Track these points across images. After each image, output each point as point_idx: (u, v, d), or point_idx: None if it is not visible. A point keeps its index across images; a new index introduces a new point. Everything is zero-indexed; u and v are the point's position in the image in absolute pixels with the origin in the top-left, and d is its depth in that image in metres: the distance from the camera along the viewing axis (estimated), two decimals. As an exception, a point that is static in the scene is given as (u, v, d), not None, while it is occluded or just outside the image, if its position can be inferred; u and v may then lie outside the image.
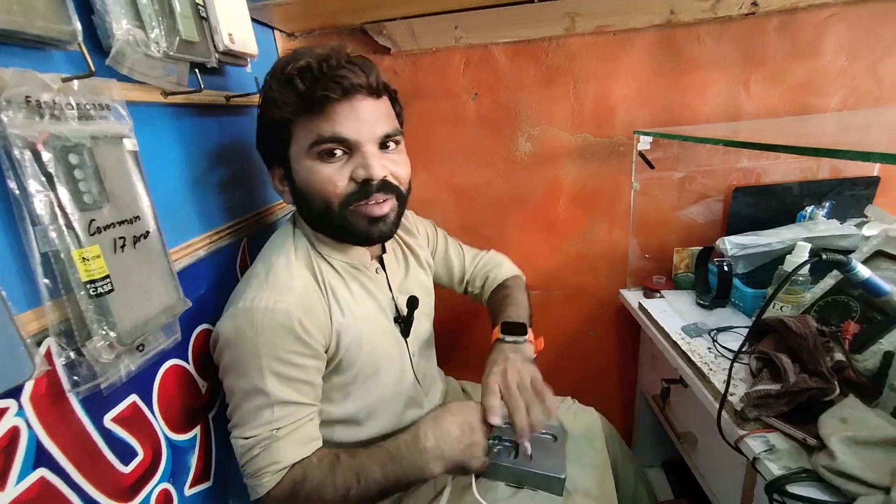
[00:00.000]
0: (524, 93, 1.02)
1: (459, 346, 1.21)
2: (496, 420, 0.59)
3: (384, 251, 0.74)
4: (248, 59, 0.72)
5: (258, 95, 0.65)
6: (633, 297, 1.06)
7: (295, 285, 0.60)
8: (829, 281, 0.71)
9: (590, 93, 1.01)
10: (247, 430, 0.58)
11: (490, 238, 1.13)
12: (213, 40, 0.62)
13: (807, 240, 0.74)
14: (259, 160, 0.71)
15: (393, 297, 0.72)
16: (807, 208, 0.93)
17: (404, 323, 0.72)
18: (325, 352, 0.62)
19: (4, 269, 0.37)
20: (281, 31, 0.97)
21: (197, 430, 0.62)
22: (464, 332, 1.21)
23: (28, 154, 0.36)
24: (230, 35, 0.65)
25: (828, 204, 0.93)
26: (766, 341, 0.64)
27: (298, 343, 0.58)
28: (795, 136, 0.80)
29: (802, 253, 0.69)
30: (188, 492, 0.59)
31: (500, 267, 0.90)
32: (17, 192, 0.36)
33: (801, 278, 0.72)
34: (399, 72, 1.02)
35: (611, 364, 1.23)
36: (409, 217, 0.85)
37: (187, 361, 0.61)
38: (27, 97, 0.36)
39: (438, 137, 1.06)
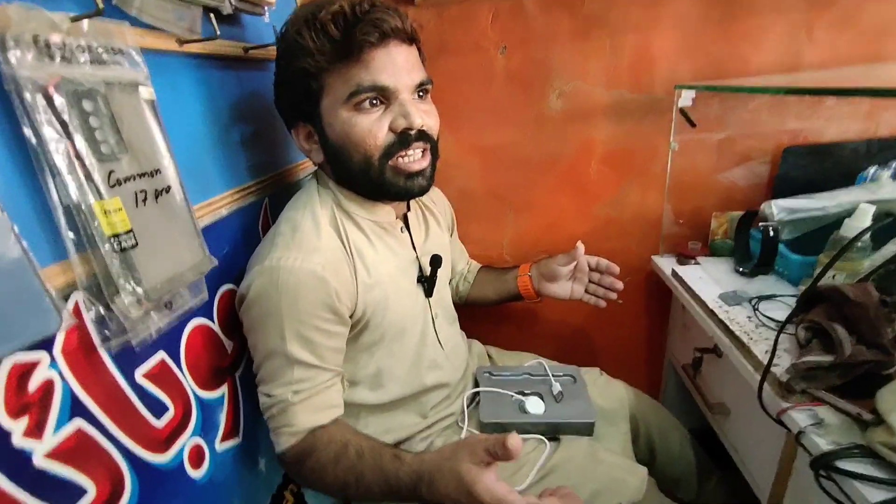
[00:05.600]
0: (556, 46, 0.95)
1: (486, 313, 1.20)
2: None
3: (408, 209, 0.72)
4: (266, 7, 0.68)
5: (276, 47, 0.62)
6: (665, 263, 1.01)
7: (321, 245, 0.58)
8: (892, 247, 0.65)
9: (628, 45, 0.93)
10: (269, 388, 0.59)
11: (516, 202, 1.08)
12: (227, -16, 0.58)
13: (870, 203, 0.68)
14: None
15: (417, 257, 0.70)
16: (869, 169, 0.84)
17: (427, 283, 0.71)
18: (351, 316, 0.61)
19: (27, 221, 0.36)
20: (298, -21, 0.91)
21: (224, 388, 0.63)
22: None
23: (40, 98, 0.34)
24: (245, -21, 0.61)
25: (895, 164, 0.85)
26: (816, 311, 0.60)
27: (323, 306, 0.57)
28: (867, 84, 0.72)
29: (865, 216, 0.63)
30: (219, 447, 0.61)
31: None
32: (33, 140, 0.35)
33: (860, 244, 0.66)
34: (424, 24, 0.96)
35: (639, 332, 1.19)
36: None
37: (212, 321, 0.61)
38: (35, 37, 0.34)
39: (464, 95, 1.00)
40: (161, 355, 0.52)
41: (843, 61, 0.88)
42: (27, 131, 0.35)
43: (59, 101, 0.35)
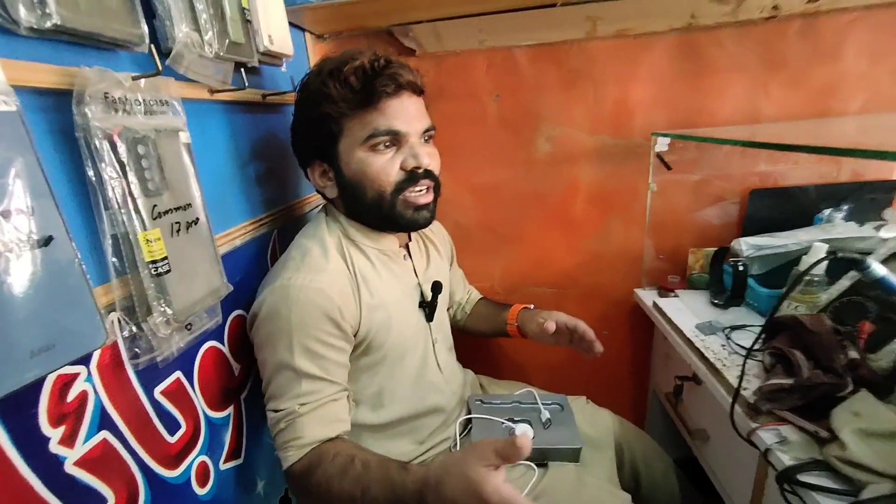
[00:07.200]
0: (545, 95, 1.04)
1: (479, 342, 1.24)
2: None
3: (409, 240, 0.78)
4: (284, 60, 0.76)
5: (296, 94, 0.69)
6: (647, 296, 1.07)
7: (329, 267, 0.64)
8: (844, 282, 0.72)
9: (609, 95, 1.03)
10: (277, 403, 0.62)
11: (507, 235, 1.15)
12: (255, 41, 0.66)
13: (824, 241, 0.75)
14: (291, 155, 0.75)
15: (419, 283, 0.76)
16: (824, 211, 0.94)
17: (429, 307, 0.76)
18: (355, 335, 0.65)
19: (82, 248, 0.41)
20: (311, 32, 1.01)
21: (231, 410, 0.66)
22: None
23: (106, 144, 0.40)
24: (269, 36, 0.69)
25: (846, 207, 0.94)
26: (780, 338, 0.66)
27: (329, 322, 0.61)
28: (815, 138, 0.81)
29: (819, 254, 0.70)
30: (223, 466, 0.63)
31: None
32: (94, 178, 0.40)
33: (816, 279, 0.73)
34: (423, 73, 1.04)
35: (623, 362, 1.24)
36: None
37: (223, 344, 0.65)
38: (105, 93, 0.40)
39: (460, 138, 1.09)
40: (177, 374, 0.55)
41: (797, 115, 0.99)
42: (89, 171, 0.40)
43: (121, 146, 0.41)
